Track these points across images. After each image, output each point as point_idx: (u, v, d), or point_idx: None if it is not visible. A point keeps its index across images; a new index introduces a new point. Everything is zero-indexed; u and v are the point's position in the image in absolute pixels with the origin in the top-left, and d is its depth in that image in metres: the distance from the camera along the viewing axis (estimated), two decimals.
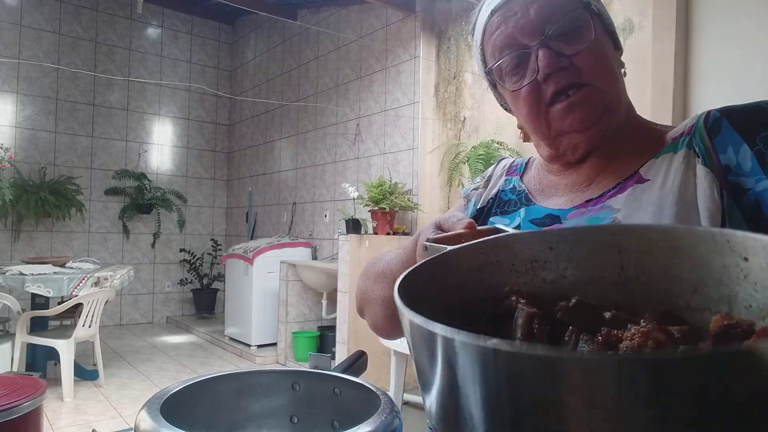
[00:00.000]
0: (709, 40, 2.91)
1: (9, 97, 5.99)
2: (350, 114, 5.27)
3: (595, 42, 0.68)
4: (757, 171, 0.59)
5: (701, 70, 2.94)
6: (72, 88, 6.38)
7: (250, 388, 0.63)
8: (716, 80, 2.88)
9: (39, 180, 6.01)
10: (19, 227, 5.98)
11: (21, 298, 4.26)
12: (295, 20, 5.90)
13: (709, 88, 2.90)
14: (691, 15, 2.98)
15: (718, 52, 2.88)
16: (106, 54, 6.63)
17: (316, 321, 5.09)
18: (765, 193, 0.58)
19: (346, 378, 0.62)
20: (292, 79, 6.29)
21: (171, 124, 7.14)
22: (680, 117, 2.96)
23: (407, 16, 4.55)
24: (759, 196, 0.59)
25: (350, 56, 5.31)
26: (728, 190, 0.61)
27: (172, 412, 0.49)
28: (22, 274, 3.75)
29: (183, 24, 7.22)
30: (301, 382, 0.63)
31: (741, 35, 2.79)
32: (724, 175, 0.62)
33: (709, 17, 2.92)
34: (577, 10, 0.68)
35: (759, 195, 0.59)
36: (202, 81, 7.22)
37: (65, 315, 4.24)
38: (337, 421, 0.61)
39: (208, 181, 7.47)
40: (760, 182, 0.59)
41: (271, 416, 0.63)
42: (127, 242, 6.77)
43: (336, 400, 0.61)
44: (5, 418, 0.77)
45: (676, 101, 2.95)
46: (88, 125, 6.51)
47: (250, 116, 7.13)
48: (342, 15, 5.47)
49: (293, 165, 6.20)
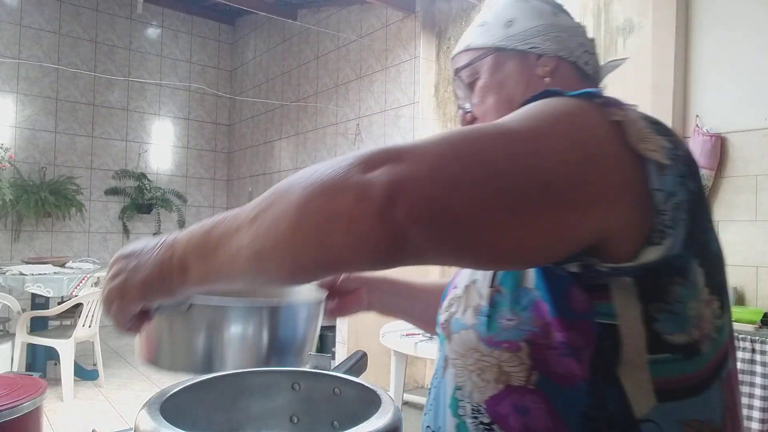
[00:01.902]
0: (708, 40, 2.91)
1: (9, 97, 5.98)
2: (350, 114, 5.27)
3: (487, 86, 0.73)
4: None
5: (701, 70, 2.94)
6: (72, 88, 6.38)
7: (250, 388, 0.63)
8: (716, 80, 2.88)
9: (39, 180, 6.01)
10: (19, 227, 5.98)
11: (21, 298, 4.26)
12: (295, 20, 5.89)
13: (708, 88, 2.90)
14: (691, 15, 2.98)
15: (718, 52, 2.88)
16: (106, 54, 6.63)
17: None
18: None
19: (346, 378, 0.62)
20: (292, 79, 6.29)
21: (171, 124, 7.13)
22: (680, 117, 2.96)
23: (407, 16, 4.55)
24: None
25: (350, 56, 5.31)
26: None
27: (172, 412, 0.49)
28: (22, 274, 3.75)
29: (183, 24, 7.21)
30: (301, 382, 0.63)
31: (740, 35, 2.79)
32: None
33: (708, 17, 2.92)
34: (468, 66, 0.74)
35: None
36: (202, 81, 7.22)
37: (65, 315, 4.24)
38: (337, 421, 0.61)
39: (208, 181, 7.47)
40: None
41: (271, 416, 0.63)
42: (127, 242, 6.75)
43: (336, 400, 0.61)
44: (5, 418, 0.77)
45: (676, 101, 2.95)
46: (88, 125, 6.51)
47: (250, 116, 7.13)
48: (342, 15, 5.47)
49: (293, 165, 6.19)
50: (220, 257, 0.48)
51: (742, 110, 2.75)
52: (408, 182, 0.40)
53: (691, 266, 0.51)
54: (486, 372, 0.58)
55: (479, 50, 0.74)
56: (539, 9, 0.73)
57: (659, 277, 0.50)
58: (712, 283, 0.53)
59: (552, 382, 0.53)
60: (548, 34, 0.71)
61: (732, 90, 2.81)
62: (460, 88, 0.76)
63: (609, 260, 0.49)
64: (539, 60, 0.71)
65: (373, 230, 0.40)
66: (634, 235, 0.48)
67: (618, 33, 3.24)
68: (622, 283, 0.50)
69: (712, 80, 2.89)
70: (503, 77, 0.72)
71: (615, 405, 0.51)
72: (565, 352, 0.53)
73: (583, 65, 0.73)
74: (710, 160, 2.77)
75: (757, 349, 2.23)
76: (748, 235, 2.71)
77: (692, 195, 0.50)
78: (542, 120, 0.48)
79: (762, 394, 2.18)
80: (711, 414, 0.53)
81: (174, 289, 0.52)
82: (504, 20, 0.73)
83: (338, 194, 0.41)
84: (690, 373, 0.52)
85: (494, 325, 0.58)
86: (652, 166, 0.48)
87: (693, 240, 0.51)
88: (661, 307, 0.50)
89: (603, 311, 0.51)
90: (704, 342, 0.52)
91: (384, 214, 0.39)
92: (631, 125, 0.49)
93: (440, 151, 0.42)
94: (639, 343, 0.50)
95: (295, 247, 0.43)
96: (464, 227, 0.41)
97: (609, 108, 0.49)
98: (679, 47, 2.96)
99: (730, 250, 2.78)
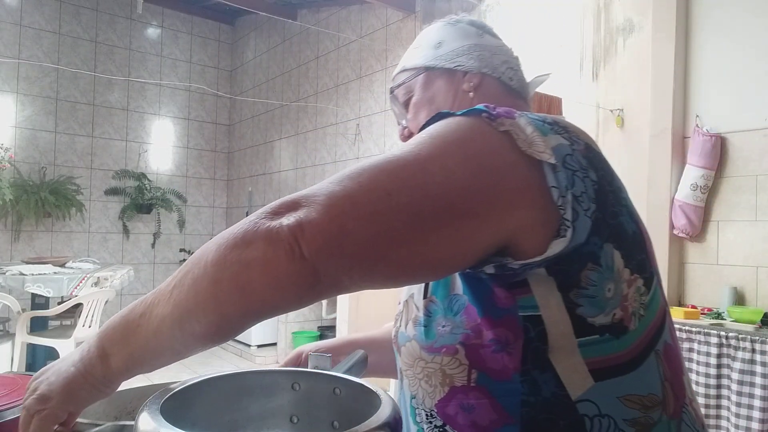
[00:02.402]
0: (708, 40, 2.91)
1: (9, 97, 5.99)
2: (350, 114, 5.27)
3: (419, 102, 0.79)
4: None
5: (701, 70, 2.94)
6: (72, 88, 6.38)
7: (250, 388, 0.63)
8: (716, 80, 2.88)
9: (39, 180, 6.01)
10: (19, 227, 5.98)
11: (21, 298, 4.26)
12: (295, 20, 5.90)
13: (708, 88, 2.90)
14: (691, 15, 2.98)
15: (718, 52, 2.88)
16: (106, 54, 6.63)
17: (315, 321, 5.09)
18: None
19: (346, 378, 0.62)
20: (292, 79, 6.28)
21: (171, 124, 7.13)
22: (680, 117, 2.96)
23: (407, 16, 4.55)
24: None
25: (350, 56, 5.31)
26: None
27: (172, 412, 0.49)
28: (22, 274, 3.75)
29: (183, 24, 7.22)
30: (301, 382, 0.63)
31: (740, 35, 2.79)
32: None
33: (708, 17, 2.92)
34: (402, 85, 0.81)
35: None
36: (202, 81, 7.22)
37: (65, 315, 4.24)
38: (337, 421, 0.61)
39: (208, 181, 7.47)
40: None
41: (271, 416, 0.63)
42: (127, 242, 6.77)
43: (336, 400, 0.61)
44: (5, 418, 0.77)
45: (676, 101, 2.95)
46: (88, 125, 6.51)
47: (250, 116, 7.13)
48: (342, 15, 5.47)
49: (293, 165, 6.20)
50: (142, 335, 0.48)
51: (742, 110, 2.75)
52: (307, 221, 0.44)
53: (604, 251, 0.54)
54: (432, 377, 0.62)
55: (412, 70, 0.81)
56: (465, 31, 0.80)
57: (571, 265, 0.53)
58: (632, 263, 0.56)
59: (490, 377, 0.57)
60: (472, 53, 0.78)
61: (732, 90, 2.81)
62: (396, 106, 0.83)
63: (521, 257, 0.52)
64: (465, 76, 0.77)
65: (288, 268, 0.43)
66: (543, 231, 0.52)
67: (618, 33, 3.24)
68: (537, 277, 0.54)
69: (712, 80, 2.89)
70: (433, 93, 0.78)
71: (549, 390, 0.55)
72: (496, 348, 0.56)
73: (508, 80, 0.79)
74: (710, 160, 2.77)
75: (757, 349, 2.23)
76: (748, 235, 2.71)
77: (595, 184, 0.54)
78: (430, 141, 0.52)
79: (762, 394, 2.18)
80: (649, 387, 0.56)
81: (98, 382, 0.51)
82: (434, 42, 0.80)
83: (250, 243, 0.44)
84: (622, 350, 0.55)
85: (432, 332, 0.62)
86: (547, 166, 0.52)
87: (604, 226, 0.54)
88: (579, 292, 0.54)
89: (525, 304, 0.55)
90: (631, 320, 0.56)
91: (294, 252, 0.43)
92: (520, 133, 0.53)
93: (330, 189, 0.46)
94: (565, 329, 0.54)
95: (218, 300, 0.45)
96: (367, 251, 0.45)
97: (497, 120, 0.53)
98: (679, 47, 2.96)
99: (730, 250, 2.77)
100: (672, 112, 2.94)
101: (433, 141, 0.52)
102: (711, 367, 2.36)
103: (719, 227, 2.82)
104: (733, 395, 2.27)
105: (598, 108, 3.28)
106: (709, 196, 2.82)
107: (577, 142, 0.56)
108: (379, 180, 0.47)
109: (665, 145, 2.95)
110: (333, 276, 0.45)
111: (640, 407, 0.56)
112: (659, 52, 3.00)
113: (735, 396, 2.26)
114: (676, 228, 2.88)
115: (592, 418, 0.54)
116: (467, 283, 0.60)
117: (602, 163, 0.57)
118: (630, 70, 3.15)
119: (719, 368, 2.35)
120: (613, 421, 0.55)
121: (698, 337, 2.43)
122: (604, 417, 0.55)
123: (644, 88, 3.06)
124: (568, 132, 0.56)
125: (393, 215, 0.46)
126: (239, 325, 0.47)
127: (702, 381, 2.38)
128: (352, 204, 0.45)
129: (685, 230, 2.84)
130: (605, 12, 3.32)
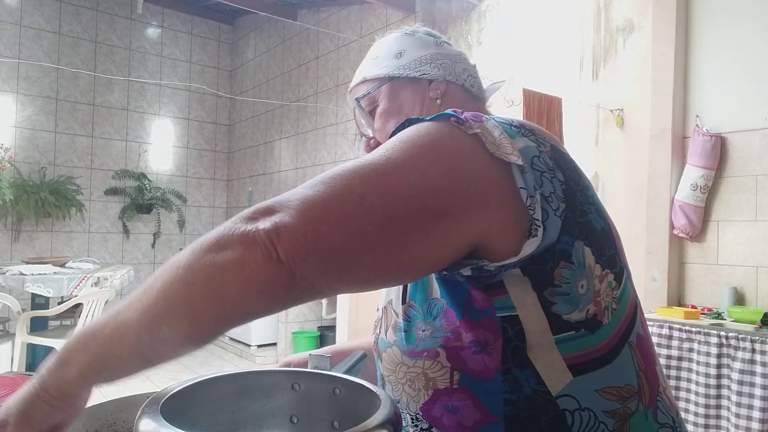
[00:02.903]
0: (708, 40, 2.91)
1: (9, 97, 5.99)
2: (350, 114, 5.26)
3: (387, 111, 0.79)
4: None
5: (701, 70, 2.94)
6: (72, 88, 6.38)
7: (250, 388, 0.63)
8: (716, 80, 2.88)
9: (39, 180, 6.01)
10: (19, 227, 5.98)
11: (21, 298, 4.26)
12: (295, 20, 5.89)
13: (708, 88, 2.90)
14: (690, 15, 2.98)
15: (718, 52, 2.88)
16: (106, 54, 6.63)
17: (315, 321, 5.09)
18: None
19: (346, 378, 0.62)
20: (292, 79, 6.29)
21: (171, 124, 7.13)
22: (680, 117, 2.96)
23: (407, 16, 4.55)
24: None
25: (350, 56, 5.31)
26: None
27: (172, 412, 0.49)
28: (22, 274, 3.75)
29: (183, 24, 7.21)
30: (301, 382, 0.63)
31: (740, 35, 2.79)
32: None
33: (708, 17, 2.92)
34: (367, 95, 0.81)
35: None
36: (202, 81, 7.22)
37: (65, 315, 4.24)
38: (337, 421, 0.61)
39: (208, 181, 7.47)
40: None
41: (271, 416, 0.63)
42: (127, 242, 6.77)
43: (336, 400, 0.61)
44: None
45: (676, 101, 2.95)
46: (88, 125, 6.51)
47: (250, 116, 7.13)
48: (342, 15, 5.47)
49: (293, 165, 6.20)
50: (103, 341, 0.46)
51: (742, 110, 2.75)
52: (282, 225, 0.44)
53: (576, 248, 0.56)
54: (415, 381, 0.62)
55: (375, 80, 0.81)
56: (424, 40, 0.81)
57: (545, 264, 0.55)
58: (603, 258, 0.58)
59: (472, 378, 0.58)
60: (435, 62, 0.79)
61: (732, 90, 2.81)
62: (361, 116, 0.82)
63: (495, 259, 0.53)
64: (431, 85, 0.79)
65: (264, 272, 0.43)
66: (514, 232, 0.53)
67: (618, 33, 3.24)
68: (513, 277, 0.55)
69: (712, 80, 2.89)
70: (400, 102, 0.79)
71: (530, 387, 0.56)
72: (476, 349, 0.57)
73: (470, 87, 0.81)
74: (710, 160, 2.77)
75: (757, 349, 2.23)
76: (748, 235, 2.71)
77: (563, 184, 0.56)
78: (401, 145, 0.52)
79: (762, 394, 2.18)
80: (626, 378, 0.58)
81: (51, 397, 0.49)
82: (394, 52, 0.81)
83: (226, 247, 0.43)
84: (597, 345, 0.57)
85: (412, 337, 0.63)
86: (515, 167, 0.53)
87: (574, 224, 0.56)
88: (554, 291, 0.55)
89: (502, 305, 0.56)
90: (605, 314, 0.58)
91: (270, 255, 0.43)
92: (488, 135, 0.54)
93: (304, 194, 0.46)
94: (542, 327, 0.56)
95: (191, 304, 0.43)
96: (342, 255, 0.45)
97: (465, 124, 0.55)
98: (679, 47, 2.96)
99: (730, 250, 2.77)
100: (672, 112, 2.94)
101: (404, 145, 0.52)
102: (711, 367, 2.36)
103: (719, 227, 2.82)
104: (733, 395, 2.27)
105: (598, 108, 3.28)
106: (709, 196, 2.82)
107: (544, 144, 0.57)
108: (353, 184, 0.48)
109: (665, 145, 2.95)
110: (309, 279, 0.44)
111: (618, 398, 0.57)
112: (659, 52, 3.00)
113: (735, 396, 2.26)
114: (676, 228, 2.88)
115: (572, 413, 0.56)
116: (444, 286, 0.61)
117: (569, 164, 0.59)
118: (630, 70, 3.15)
119: (719, 368, 2.35)
120: (593, 414, 0.56)
121: (698, 337, 2.43)
122: (584, 410, 0.56)
123: (644, 88, 3.06)
124: (535, 134, 0.58)
125: (366, 218, 0.46)
126: (213, 330, 0.45)
127: (702, 381, 2.38)
128: (326, 208, 0.46)
129: (685, 230, 2.84)
130: (605, 12, 3.32)
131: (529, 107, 2.90)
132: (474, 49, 4.05)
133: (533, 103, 2.93)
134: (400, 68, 0.79)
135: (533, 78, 3.40)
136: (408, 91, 0.79)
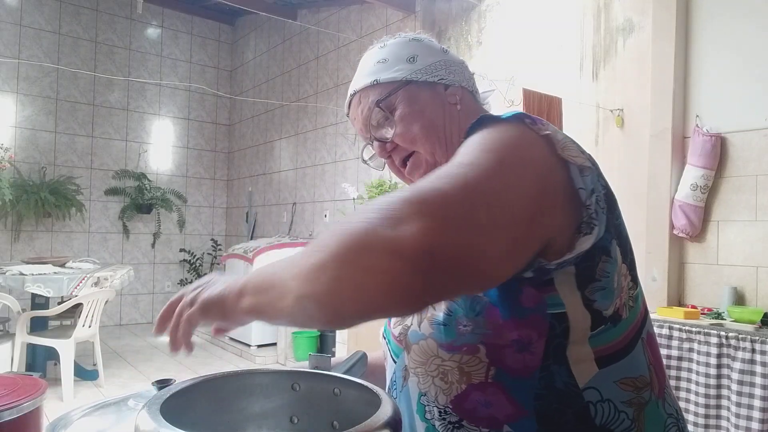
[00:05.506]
0: (708, 40, 2.91)
1: (9, 97, 5.99)
2: None
3: (409, 115, 0.77)
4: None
5: (701, 70, 2.94)
6: (72, 88, 6.38)
7: (250, 388, 0.63)
8: (716, 80, 2.88)
9: (39, 180, 6.01)
10: (19, 227, 5.98)
11: (21, 298, 4.27)
12: (295, 20, 5.90)
13: (708, 88, 2.90)
14: (690, 15, 2.98)
15: (718, 52, 2.88)
16: (106, 54, 6.63)
17: None
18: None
19: (346, 378, 0.62)
20: (292, 79, 6.29)
21: (171, 124, 7.14)
22: (680, 117, 2.96)
23: (407, 16, 4.56)
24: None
25: (350, 56, 5.31)
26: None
27: (172, 412, 0.49)
28: (22, 274, 3.75)
29: (183, 24, 7.22)
30: (301, 382, 0.63)
31: (740, 35, 2.79)
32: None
33: (708, 18, 2.92)
34: (386, 98, 0.78)
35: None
36: (202, 81, 7.22)
37: (65, 315, 4.24)
38: (337, 421, 0.61)
39: (208, 181, 7.47)
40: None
41: (271, 416, 0.63)
42: (127, 242, 6.77)
43: (336, 400, 0.61)
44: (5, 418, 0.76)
45: (676, 101, 2.95)
46: (88, 125, 6.51)
47: (250, 116, 7.13)
48: (342, 15, 5.47)
49: (293, 165, 6.20)
50: (270, 295, 0.53)
51: (742, 110, 2.75)
52: (432, 236, 0.45)
53: (612, 245, 0.60)
54: (448, 375, 0.64)
55: (390, 84, 0.79)
56: (433, 47, 0.82)
57: (592, 259, 0.59)
58: (627, 259, 0.63)
59: (507, 374, 0.60)
60: (449, 68, 0.81)
61: (732, 90, 2.81)
62: (377, 119, 0.80)
63: (552, 257, 0.56)
64: (447, 90, 0.80)
65: (407, 282, 0.44)
66: (569, 230, 0.57)
67: (618, 33, 3.24)
68: (564, 274, 0.58)
69: (712, 80, 2.89)
70: (421, 106, 0.78)
71: (562, 381, 0.59)
72: (518, 348, 0.59)
73: (476, 93, 0.84)
74: (710, 160, 2.77)
75: (757, 349, 2.23)
76: (748, 235, 2.71)
77: (606, 189, 0.61)
78: (500, 152, 0.55)
79: (762, 394, 2.18)
80: (639, 370, 0.63)
81: (227, 309, 0.57)
82: (406, 56, 0.80)
83: (372, 250, 0.45)
84: (618, 337, 0.61)
85: (452, 331, 0.64)
86: (575, 169, 0.57)
87: (611, 224, 0.61)
88: (594, 286, 0.59)
89: (552, 302, 0.59)
90: (624, 309, 0.62)
91: (415, 267, 0.44)
92: (556, 137, 0.58)
93: (447, 200, 0.48)
94: (585, 324, 0.59)
95: (335, 298, 0.47)
96: (473, 266, 0.48)
97: (537, 125, 0.59)
98: (679, 47, 2.96)
99: (730, 250, 2.77)
100: (672, 112, 2.94)
101: (503, 152, 0.55)
102: (711, 367, 2.36)
103: (719, 227, 2.82)
104: (733, 395, 2.27)
105: (598, 108, 3.28)
106: (709, 196, 2.82)
107: (586, 152, 0.62)
108: (485, 191, 0.50)
109: (665, 145, 2.95)
110: (441, 290, 0.47)
111: (633, 388, 0.61)
112: (659, 52, 3.00)
113: (735, 396, 2.26)
114: (676, 228, 2.88)
115: (595, 404, 0.59)
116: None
117: (601, 171, 0.64)
118: (630, 70, 3.15)
119: (719, 368, 2.35)
120: (613, 405, 0.59)
121: (698, 337, 2.42)
122: (605, 401, 0.59)
123: (644, 88, 3.06)
124: (576, 144, 0.62)
125: (492, 230, 0.49)
126: (349, 322, 0.49)
127: (702, 381, 2.38)
128: (467, 220, 0.47)
129: (685, 230, 2.84)
130: (605, 12, 3.32)
131: (529, 107, 2.89)
132: (474, 49, 4.05)
133: (533, 103, 2.93)
134: (416, 72, 0.79)
135: (533, 78, 3.40)
136: (426, 95, 0.79)
